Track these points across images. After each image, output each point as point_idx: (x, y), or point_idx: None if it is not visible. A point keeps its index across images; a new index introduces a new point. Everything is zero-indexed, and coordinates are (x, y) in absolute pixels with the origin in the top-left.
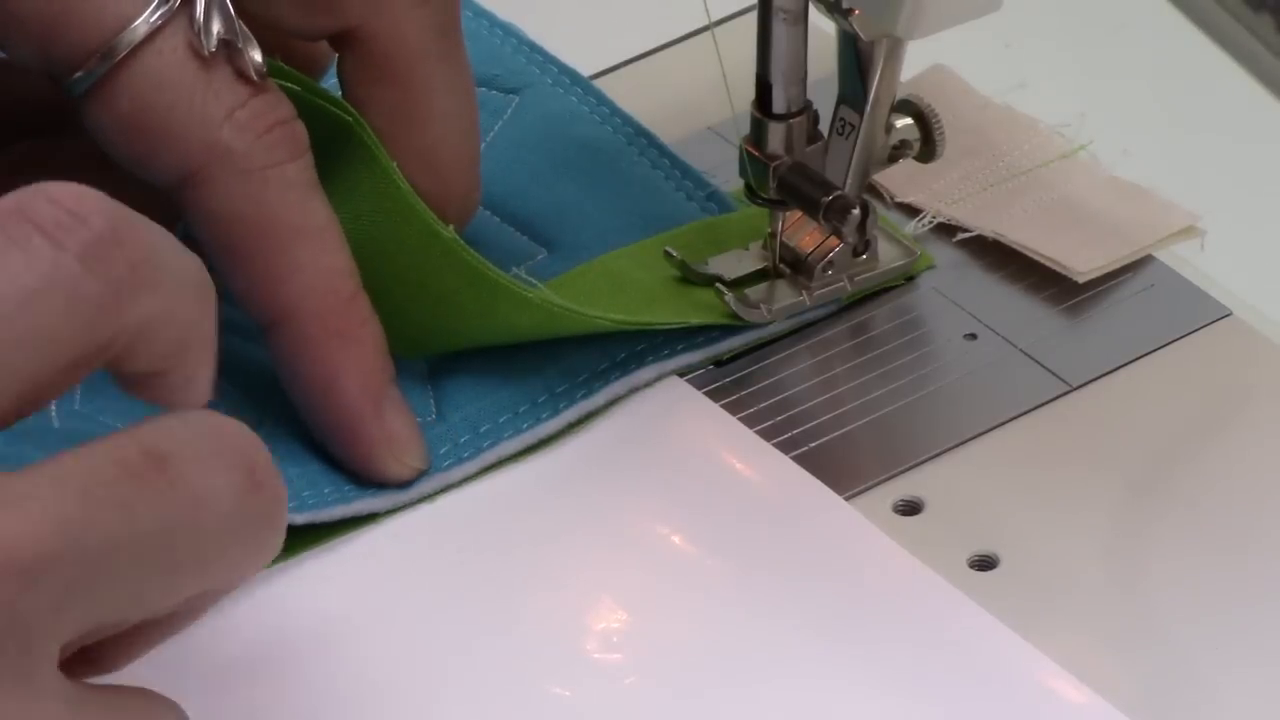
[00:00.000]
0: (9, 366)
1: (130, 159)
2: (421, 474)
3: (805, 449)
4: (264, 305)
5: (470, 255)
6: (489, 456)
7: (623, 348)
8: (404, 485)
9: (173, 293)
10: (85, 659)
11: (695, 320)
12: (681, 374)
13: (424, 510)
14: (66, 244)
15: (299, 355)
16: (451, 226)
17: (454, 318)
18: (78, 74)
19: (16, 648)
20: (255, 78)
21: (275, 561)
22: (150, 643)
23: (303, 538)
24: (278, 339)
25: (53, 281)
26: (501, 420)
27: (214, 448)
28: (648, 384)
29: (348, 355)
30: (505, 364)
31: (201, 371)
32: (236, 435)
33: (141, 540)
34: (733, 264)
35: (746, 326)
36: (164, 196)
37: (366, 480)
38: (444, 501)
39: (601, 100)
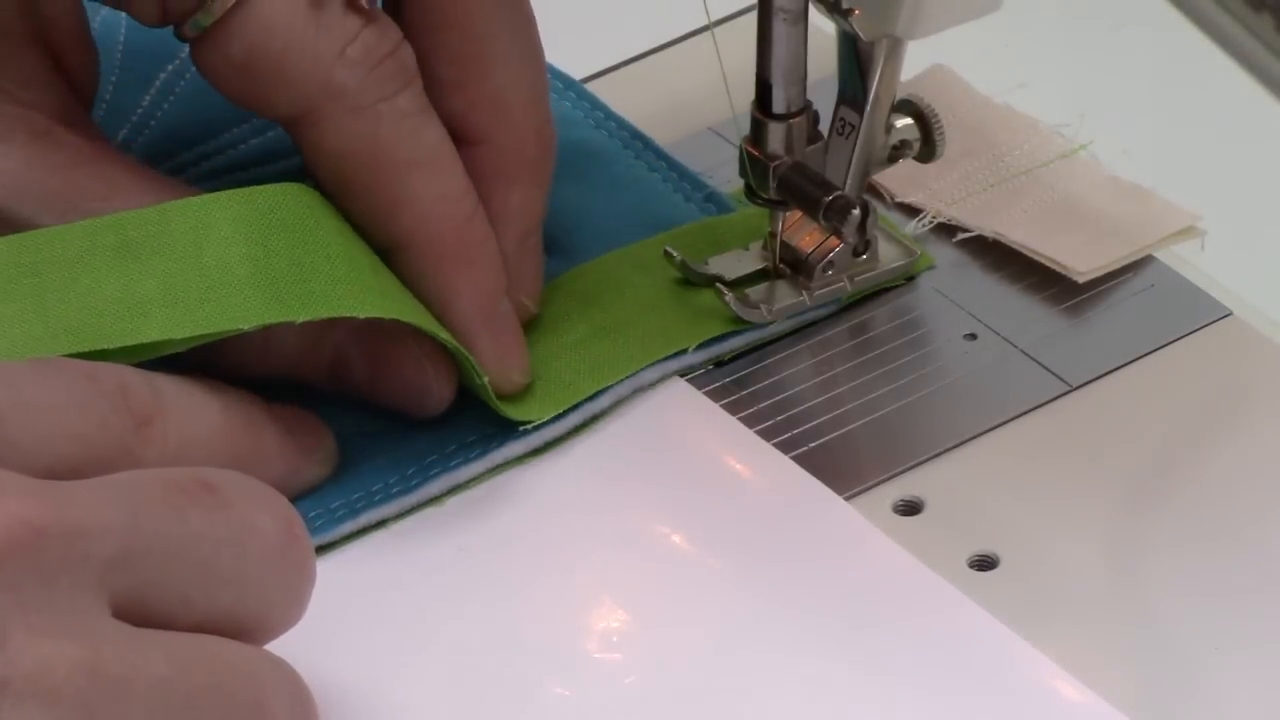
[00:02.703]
0: None
1: (244, 101)
2: (524, 388)
3: (805, 449)
4: (382, 235)
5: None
6: (496, 457)
7: None
8: (410, 481)
9: None
10: None
11: (690, 343)
12: (682, 374)
13: (426, 510)
14: None
15: (417, 279)
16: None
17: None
18: (190, 20)
19: (70, 582)
20: (365, 4)
21: None
22: None
23: None
24: (397, 264)
25: None
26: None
27: (259, 495)
28: (651, 384)
29: (463, 277)
30: None
31: None
32: (278, 496)
33: (190, 542)
34: (733, 264)
35: (747, 326)
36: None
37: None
38: (445, 501)
39: (596, 105)
